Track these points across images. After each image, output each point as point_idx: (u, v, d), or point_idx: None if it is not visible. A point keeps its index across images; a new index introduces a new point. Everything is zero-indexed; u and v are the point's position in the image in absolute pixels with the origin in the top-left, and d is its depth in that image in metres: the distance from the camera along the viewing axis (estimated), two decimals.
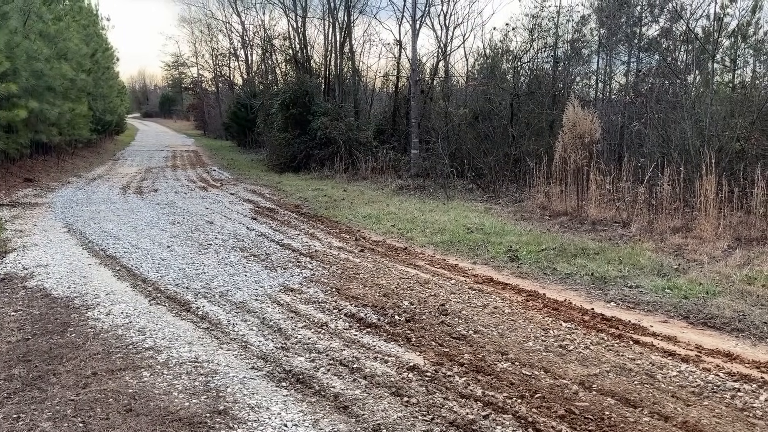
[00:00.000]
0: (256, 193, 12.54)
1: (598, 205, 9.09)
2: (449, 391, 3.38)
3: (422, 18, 16.65)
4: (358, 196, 11.96)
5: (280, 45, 23.09)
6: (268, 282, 5.62)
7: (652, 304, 5.07)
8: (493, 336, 4.29)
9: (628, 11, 14.77)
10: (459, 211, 9.84)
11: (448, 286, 5.62)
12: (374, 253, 7.04)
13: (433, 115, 16.54)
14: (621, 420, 3.06)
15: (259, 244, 7.33)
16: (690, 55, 13.31)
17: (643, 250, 6.78)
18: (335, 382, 3.47)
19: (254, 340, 4.12)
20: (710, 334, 4.40)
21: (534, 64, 15.04)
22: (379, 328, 4.39)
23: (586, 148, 9.31)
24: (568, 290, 5.59)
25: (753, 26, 13.57)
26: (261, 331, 4.32)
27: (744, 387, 3.47)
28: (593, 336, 4.29)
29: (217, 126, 37.77)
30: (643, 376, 3.59)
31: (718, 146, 8.90)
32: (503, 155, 13.01)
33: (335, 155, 16.38)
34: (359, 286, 5.55)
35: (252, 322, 4.49)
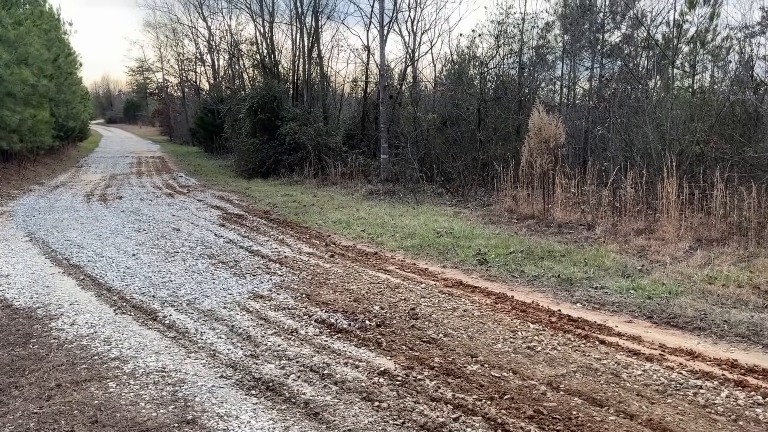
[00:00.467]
0: (224, 200, 12.41)
1: (563, 208, 9.25)
2: (420, 394, 3.39)
3: (390, 24, 16.74)
4: (328, 202, 11.93)
5: (247, 50, 22.96)
6: (236, 289, 5.57)
7: (617, 305, 5.18)
8: (462, 339, 4.32)
9: (591, 18, 15.09)
10: (429, 216, 9.90)
11: (418, 290, 5.65)
12: (344, 258, 7.04)
13: (402, 120, 16.63)
14: (588, 419, 3.12)
15: (228, 251, 7.26)
16: (651, 60, 13.65)
17: (607, 252, 6.93)
18: (306, 388, 3.46)
19: (223, 348, 4.08)
20: (673, 333, 4.52)
21: (500, 70, 15.25)
22: (350, 334, 4.39)
23: (552, 152, 9.47)
24: (535, 292, 5.67)
25: (711, 33, 14.00)
26: (230, 338, 4.28)
27: (706, 384, 3.57)
28: (560, 337, 4.37)
29: (184, 132, 37.27)
30: (608, 376, 3.67)
31: (679, 150, 9.15)
32: (471, 160, 13.15)
33: (304, 160, 16.32)
34: (330, 291, 5.54)
35: (220, 330, 4.44)
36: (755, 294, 5.27)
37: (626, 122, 10.72)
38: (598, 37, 14.91)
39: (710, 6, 13.94)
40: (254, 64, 21.72)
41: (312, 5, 18.16)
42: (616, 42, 14.89)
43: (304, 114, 17.12)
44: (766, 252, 6.60)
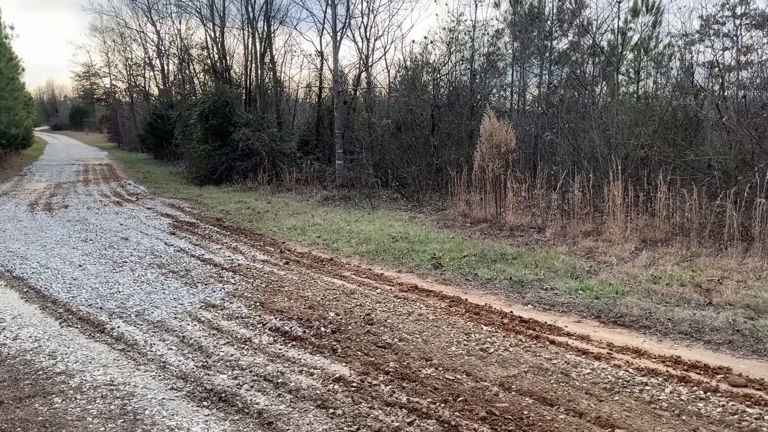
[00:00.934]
0: (174, 207, 12.15)
1: (515, 211, 9.43)
2: (375, 400, 3.40)
3: (343, 30, 16.75)
4: (283, 208, 11.83)
5: (197, 55, 22.55)
6: (188, 299, 5.46)
7: (566, 305, 5.31)
8: (417, 343, 4.35)
9: (540, 26, 15.47)
10: (384, 221, 9.94)
11: (373, 295, 5.66)
12: (299, 265, 6.99)
13: (357, 126, 16.65)
14: (539, 418, 3.19)
15: (179, 260, 7.11)
16: (597, 67, 14.09)
17: (557, 254, 7.10)
18: (259, 398, 3.42)
19: (173, 360, 3.99)
20: (620, 332, 4.66)
21: (452, 76, 15.47)
22: (305, 341, 4.37)
23: (503, 157, 9.65)
24: (488, 295, 5.77)
25: (654, 40, 14.58)
26: (181, 350, 4.19)
27: (651, 381, 3.69)
28: (512, 338, 4.45)
29: (133, 138, 36.33)
30: (558, 375, 3.76)
31: (625, 154, 9.46)
32: (426, 165, 13.27)
33: (258, 167, 16.14)
34: (284, 299, 5.49)
35: (171, 341, 4.35)
36: (697, 292, 5.49)
37: (574, 127, 11.03)
38: (546, 44, 15.30)
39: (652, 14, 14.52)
40: (205, 69, 21.37)
41: (264, 10, 18.02)
42: (564, 49, 15.31)
43: (257, 119, 16.94)
44: (707, 251, 6.89)
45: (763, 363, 3.97)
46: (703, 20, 11.37)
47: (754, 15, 10.50)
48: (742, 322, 4.66)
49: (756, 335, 4.39)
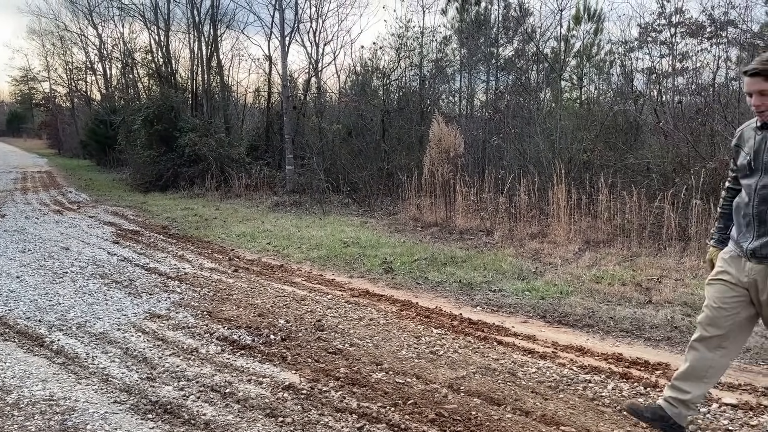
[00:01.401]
0: (118, 215, 11.79)
1: (464, 215, 9.57)
2: (325, 406, 3.39)
3: (291, 34, 16.67)
4: (232, 214, 11.65)
5: (141, 59, 22.01)
6: (131, 309, 5.31)
7: (513, 306, 5.42)
8: (368, 348, 4.36)
9: (486, 33, 15.78)
10: (335, 226, 9.91)
11: (325, 301, 5.64)
12: (249, 272, 6.90)
13: (307, 131, 16.56)
14: (486, 418, 3.24)
15: (122, 270, 6.90)
16: (541, 74, 14.47)
17: (505, 256, 7.24)
18: (206, 409, 3.35)
19: (117, 373, 3.87)
20: (564, 331, 4.79)
21: (402, 82, 15.59)
22: (254, 350, 4.31)
23: (452, 161, 9.79)
24: (439, 298, 5.83)
25: (595, 47, 15.10)
26: (124, 362, 4.06)
27: (594, 378, 3.81)
28: (461, 340, 4.51)
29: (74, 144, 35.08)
30: (506, 375, 3.83)
31: (568, 158, 9.75)
32: (377, 170, 13.31)
33: (206, 173, 15.84)
34: (233, 307, 5.41)
35: (114, 354, 4.21)
36: (637, 291, 5.69)
37: (520, 132, 11.29)
38: (492, 51, 15.62)
39: (594, 22, 15.04)
40: (149, 73, 20.88)
41: (210, 14, 17.75)
42: (510, 56, 15.66)
43: (204, 124, 16.65)
44: (647, 251, 7.16)
45: None
46: (642, 28, 11.85)
47: (689, 24, 11.01)
48: (680, 319, 4.86)
49: (692, 331, 4.57)
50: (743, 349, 4.21)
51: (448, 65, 15.95)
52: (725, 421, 3.18)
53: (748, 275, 2.67)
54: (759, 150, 2.64)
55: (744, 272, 2.69)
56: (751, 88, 2.57)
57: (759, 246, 2.62)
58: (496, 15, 15.88)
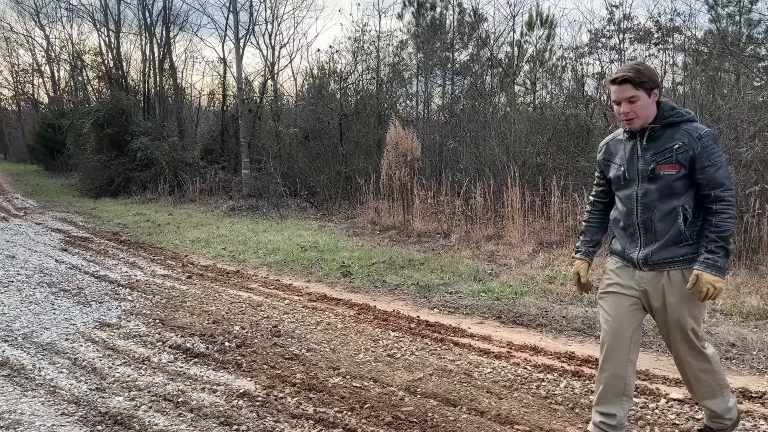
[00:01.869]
0: (67, 222, 11.41)
1: (422, 218, 9.64)
2: (281, 413, 3.35)
3: (246, 37, 16.51)
4: (186, 220, 11.43)
5: (91, 61, 21.39)
6: (80, 319, 5.14)
7: (469, 308, 5.48)
8: (325, 352, 4.34)
9: (442, 38, 15.96)
10: (293, 230, 9.83)
11: (281, 306, 5.58)
12: (203, 278, 6.77)
13: (264, 135, 16.40)
14: (442, 420, 3.26)
15: (71, 278, 6.68)
16: (496, 78, 14.71)
17: (461, 258, 7.32)
18: (158, 419, 3.27)
19: (64, 384, 3.74)
20: (519, 331, 4.87)
21: (359, 86, 15.61)
22: (208, 357, 4.23)
23: (409, 165, 9.84)
24: (396, 300, 5.85)
25: (548, 52, 15.44)
26: (72, 372, 3.93)
27: (547, 377, 3.88)
28: (418, 342, 4.53)
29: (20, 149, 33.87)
30: (462, 376, 3.87)
31: (522, 161, 9.92)
32: (335, 173, 13.28)
33: (159, 177, 15.51)
34: (186, 314, 5.29)
35: (62, 364, 4.07)
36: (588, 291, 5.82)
37: (475, 136, 11.44)
38: (448, 55, 15.80)
39: (546, 28, 15.40)
40: (99, 75, 20.33)
41: (162, 16, 17.40)
42: (465, 61, 15.88)
43: (156, 128, 16.31)
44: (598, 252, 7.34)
45: (647, 355, 4.28)
46: (592, 34, 12.20)
47: (637, 30, 11.40)
48: None
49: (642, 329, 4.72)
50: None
51: (404, 69, 16.05)
52: (672, 415, 3.29)
53: (638, 284, 2.69)
54: (632, 159, 2.65)
55: (635, 281, 2.71)
56: (620, 96, 2.57)
57: (649, 253, 2.63)
58: (451, 20, 16.11)
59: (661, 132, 2.60)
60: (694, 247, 2.59)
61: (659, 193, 2.59)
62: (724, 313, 5.02)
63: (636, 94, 2.54)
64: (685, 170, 2.54)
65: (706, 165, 2.52)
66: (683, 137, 2.55)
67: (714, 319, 4.91)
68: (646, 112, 2.58)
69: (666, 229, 2.60)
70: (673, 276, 2.61)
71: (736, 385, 3.65)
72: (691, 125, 2.58)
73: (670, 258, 2.61)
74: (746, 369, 3.97)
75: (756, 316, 4.90)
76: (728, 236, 2.54)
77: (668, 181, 2.56)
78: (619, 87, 2.57)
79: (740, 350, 4.23)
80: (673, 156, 2.54)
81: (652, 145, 2.60)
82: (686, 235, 2.59)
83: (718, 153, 2.55)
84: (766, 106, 8.56)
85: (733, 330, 4.58)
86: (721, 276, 2.52)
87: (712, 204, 2.54)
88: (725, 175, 2.55)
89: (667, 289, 2.63)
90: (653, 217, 2.61)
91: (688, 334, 2.64)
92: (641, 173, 2.62)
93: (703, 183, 2.55)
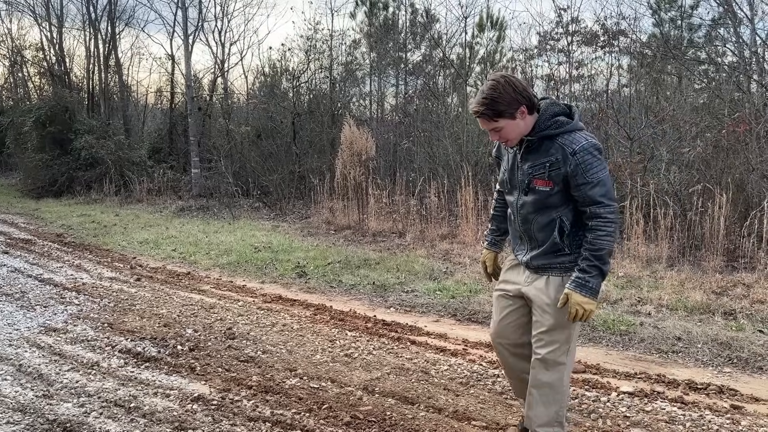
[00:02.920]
0: (7, 223, 10.92)
1: (377, 217, 9.65)
2: (236, 416, 3.30)
3: (195, 33, 16.16)
4: (133, 221, 11.11)
5: (32, 56, 20.52)
6: (24, 323, 4.92)
7: (425, 306, 5.53)
8: (282, 354, 4.29)
9: (394, 38, 16.02)
10: (246, 231, 9.69)
11: (235, 308, 5.49)
12: (153, 281, 6.60)
13: (214, 133, 16.09)
14: (401, 418, 3.28)
15: (13, 282, 6.39)
16: (448, 79, 14.88)
17: (417, 257, 7.37)
18: (110, 425, 3.17)
19: (9, 391, 3.57)
20: (474, 328, 4.94)
21: (312, 84, 15.50)
22: (160, 361, 4.12)
23: (364, 164, 9.84)
24: (353, 300, 5.84)
25: (498, 54, 15.72)
26: (17, 379, 3.76)
27: (503, 373, 3.94)
28: (375, 341, 4.54)
29: None
30: (419, 374, 3.90)
31: (475, 161, 10.07)
32: (288, 173, 13.14)
33: (104, 177, 15.00)
34: (136, 318, 5.15)
35: (6, 371, 3.89)
36: None
37: (429, 136, 11.54)
38: (401, 55, 15.88)
39: (496, 30, 15.67)
40: (41, 72, 19.52)
41: (108, 11, 16.86)
42: (418, 61, 15.99)
43: (101, 126, 15.79)
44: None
45: (597, 349, 4.42)
46: (541, 36, 12.49)
47: (584, 33, 11.73)
48: None
49: (591, 324, 4.86)
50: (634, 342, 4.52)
51: (357, 69, 16.04)
52: (623, 408, 3.39)
53: (526, 282, 2.72)
54: (513, 168, 2.65)
55: (523, 279, 2.74)
56: (484, 127, 2.55)
57: (530, 259, 2.66)
58: (404, 20, 16.19)
59: (539, 144, 2.52)
60: (573, 256, 2.56)
61: (535, 206, 2.56)
62: (669, 308, 5.22)
63: (497, 125, 2.48)
64: (559, 187, 2.49)
65: (581, 183, 2.44)
66: (557, 153, 2.46)
67: (660, 314, 5.10)
68: (516, 132, 2.50)
69: (545, 239, 2.59)
70: (553, 280, 2.63)
71: (681, 377, 3.81)
72: (569, 137, 2.47)
73: (549, 264, 2.62)
74: (692, 362, 4.14)
75: (700, 310, 5.12)
76: (603, 255, 2.46)
77: (543, 195, 2.53)
78: (479, 119, 2.52)
79: (686, 344, 4.42)
80: (546, 172, 2.49)
81: (530, 157, 2.55)
82: (564, 245, 2.56)
83: (595, 168, 2.43)
84: (706, 107, 8.96)
85: (679, 324, 4.78)
86: (592, 297, 2.46)
87: (589, 220, 2.48)
88: (602, 192, 2.44)
89: (544, 293, 2.64)
90: (532, 227, 2.62)
91: (561, 337, 2.63)
92: (520, 184, 2.60)
93: (579, 200, 2.49)
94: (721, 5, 11.00)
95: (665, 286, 5.80)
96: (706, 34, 13.02)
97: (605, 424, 3.20)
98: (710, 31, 12.79)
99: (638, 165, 7.79)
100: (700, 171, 7.40)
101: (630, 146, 8.31)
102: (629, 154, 8.21)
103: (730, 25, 10.70)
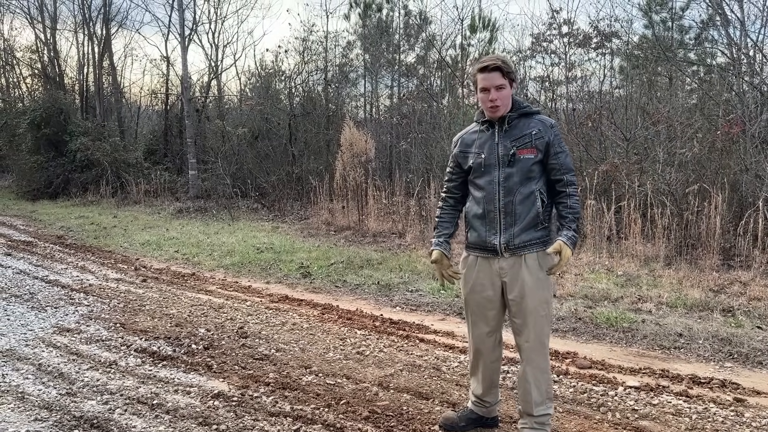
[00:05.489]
0: (6, 225, 10.92)
1: (377, 218, 9.76)
2: (258, 411, 3.39)
3: (190, 35, 16.18)
4: (132, 222, 11.14)
5: (28, 58, 20.45)
6: (38, 324, 4.98)
7: (431, 305, 5.64)
8: (295, 352, 4.38)
9: (388, 39, 16.13)
10: (246, 232, 9.76)
11: (244, 308, 5.57)
12: (159, 282, 6.66)
13: (210, 134, 16.13)
14: (417, 412, 3.38)
15: (20, 283, 6.44)
16: (443, 80, 15.01)
17: (418, 257, 7.48)
18: (135, 421, 3.25)
19: (33, 390, 3.64)
20: None
21: (307, 86, 15.58)
22: (176, 360, 4.20)
23: (363, 166, 9.94)
24: (358, 300, 5.94)
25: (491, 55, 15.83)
26: (39, 378, 3.83)
27: (511, 369, 4.04)
28: (385, 339, 4.64)
29: None
30: (431, 370, 4.01)
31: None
32: (285, 174, 13.22)
33: (100, 178, 15.02)
34: (147, 318, 5.22)
35: (27, 370, 3.96)
36: None
37: (425, 137, 11.65)
38: (395, 57, 15.99)
39: (489, 31, 15.81)
40: (34, 73, 19.45)
41: (102, 12, 16.85)
42: (412, 62, 16.11)
43: (96, 128, 15.80)
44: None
45: (602, 346, 4.54)
46: (534, 38, 12.65)
47: (577, 35, 11.90)
48: (583, 311, 5.27)
49: (595, 321, 5.00)
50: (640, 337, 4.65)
51: (352, 70, 16.14)
52: (631, 402, 3.52)
53: (499, 275, 2.84)
54: (491, 147, 2.80)
55: (495, 273, 2.85)
56: (489, 84, 2.71)
57: (510, 237, 2.77)
58: (398, 22, 16.30)
59: (517, 121, 2.80)
60: (547, 231, 2.82)
61: (519, 175, 2.75)
62: (669, 305, 5.37)
63: (503, 83, 2.72)
64: (540, 155, 2.76)
65: (558, 151, 2.77)
66: (538, 125, 2.78)
67: (661, 311, 5.24)
68: (508, 101, 2.78)
69: (525, 212, 2.76)
70: (529, 260, 2.80)
71: (685, 372, 3.94)
72: (542, 116, 2.84)
73: (529, 240, 2.79)
74: (694, 357, 4.28)
75: (699, 307, 5.27)
76: (579, 216, 2.84)
77: (527, 164, 2.75)
78: (489, 74, 2.71)
79: (687, 340, 4.55)
80: (532, 141, 2.75)
81: (511, 133, 2.79)
82: (542, 218, 2.78)
83: (563, 141, 2.83)
84: (698, 108, 9.13)
85: (680, 321, 4.92)
86: (573, 251, 2.75)
87: (565, 188, 2.78)
88: (570, 161, 2.82)
89: (525, 275, 2.79)
90: (514, 200, 2.78)
91: (542, 318, 2.82)
92: (501, 159, 2.78)
93: (555, 167, 2.78)
94: (711, 7, 11.20)
95: (664, 284, 5.95)
96: (696, 36, 13.24)
97: (615, 417, 3.32)
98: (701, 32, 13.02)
99: (635, 165, 7.95)
100: (695, 171, 7.57)
101: (626, 147, 8.47)
102: (626, 155, 8.36)
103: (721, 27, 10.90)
